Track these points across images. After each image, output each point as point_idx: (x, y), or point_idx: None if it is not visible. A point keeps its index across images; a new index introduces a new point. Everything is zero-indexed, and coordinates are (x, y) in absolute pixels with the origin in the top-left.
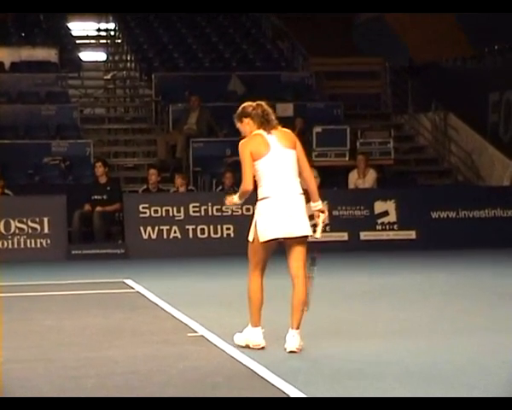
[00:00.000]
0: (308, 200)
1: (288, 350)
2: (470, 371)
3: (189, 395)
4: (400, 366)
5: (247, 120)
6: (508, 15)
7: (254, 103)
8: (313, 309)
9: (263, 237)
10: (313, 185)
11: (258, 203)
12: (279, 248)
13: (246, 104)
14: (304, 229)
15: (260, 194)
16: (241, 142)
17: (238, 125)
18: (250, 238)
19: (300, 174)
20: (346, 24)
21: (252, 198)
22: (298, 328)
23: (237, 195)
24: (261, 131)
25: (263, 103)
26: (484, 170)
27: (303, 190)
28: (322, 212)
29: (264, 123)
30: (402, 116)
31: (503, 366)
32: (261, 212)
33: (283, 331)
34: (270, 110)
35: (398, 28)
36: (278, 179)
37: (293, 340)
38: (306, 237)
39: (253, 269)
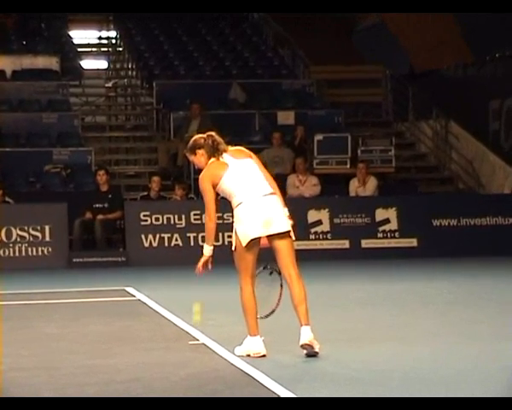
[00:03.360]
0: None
1: (300, 344)
2: (471, 377)
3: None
4: (401, 373)
5: (201, 152)
6: (509, 22)
7: (205, 134)
8: (315, 316)
9: (245, 240)
10: (277, 192)
11: (234, 211)
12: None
13: (195, 137)
14: (283, 225)
15: (234, 204)
16: (201, 175)
17: (192, 157)
18: (233, 247)
19: None
20: (347, 32)
21: None
22: (308, 324)
23: (205, 243)
24: (214, 159)
25: (213, 134)
26: (485, 178)
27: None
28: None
29: (215, 152)
30: (403, 124)
31: (504, 372)
32: (238, 217)
33: (283, 338)
34: (220, 140)
35: (399, 35)
36: (246, 184)
37: (305, 334)
38: (288, 232)
39: (243, 277)
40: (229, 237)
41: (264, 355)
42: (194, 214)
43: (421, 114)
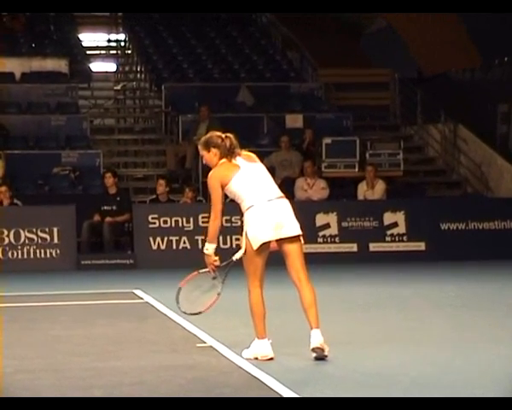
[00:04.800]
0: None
1: (311, 347)
2: (478, 382)
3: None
4: (407, 377)
5: (215, 151)
6: None
7: (223, 135)
8: (322, 319)
9: (256, 243)
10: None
11: (245, 215)
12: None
13: (214, 134)
14: (294, 229)
15: (244, 207)
16: (210, 173)
17: (203, 153)
18: (243, 250)
19: None
20: (355, 35)
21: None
22: (318, 327)
23: (207, 242)
24: (225, 160)
25: (231, 136)
26: (493, 181)
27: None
28: None
29: (229, 155)
30: (411, 127)
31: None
32: (249, 221)
33: (290, 341)
34: (236, 143)
35: (407, 39)
36: (256, 188)
37: (316, 337)
38: (298, 236)
39: (252, 281)
40: (238, 239)
41: (271, 358)
42: (203, 217)
43: (429, 118)
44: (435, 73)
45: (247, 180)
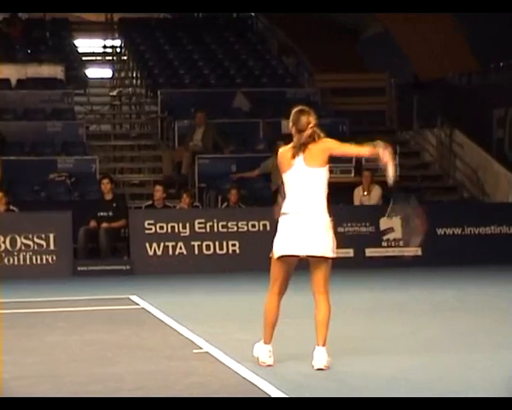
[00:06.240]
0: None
1: (315, 368)
2: (477, 386)
3: None
4: (406, 382)
5: (292, 132)
6: None
7: (310, 130)
8: None
9: (276, 253)
10: (354, 150)
11: (279, 219)
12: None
13: (302, 120)
14: (316, 249)
15: (282, 209)
16: (279, 151)
17: (291, 123)
18: (271, 254)
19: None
20: (352, 40)
21: (258, 215)
22: (324, 344)
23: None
24: (291, 149)
25: (311, 138)
26: (489, 186)
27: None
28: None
29: (296, 148)
30: (407, 132)
31: (510, 382)
32: (279, 228)
33: (295, 349)
34: (309, 140)
35: (404, 44)
36: (298, 197)
37: (320, 357)
38: (323, 257)
39: (271, 286)
40: (234, 245)
41: (269, 365)
42: (199, 223)
43: (425, 123)
44: (431, 77)
45: (293, 184)
